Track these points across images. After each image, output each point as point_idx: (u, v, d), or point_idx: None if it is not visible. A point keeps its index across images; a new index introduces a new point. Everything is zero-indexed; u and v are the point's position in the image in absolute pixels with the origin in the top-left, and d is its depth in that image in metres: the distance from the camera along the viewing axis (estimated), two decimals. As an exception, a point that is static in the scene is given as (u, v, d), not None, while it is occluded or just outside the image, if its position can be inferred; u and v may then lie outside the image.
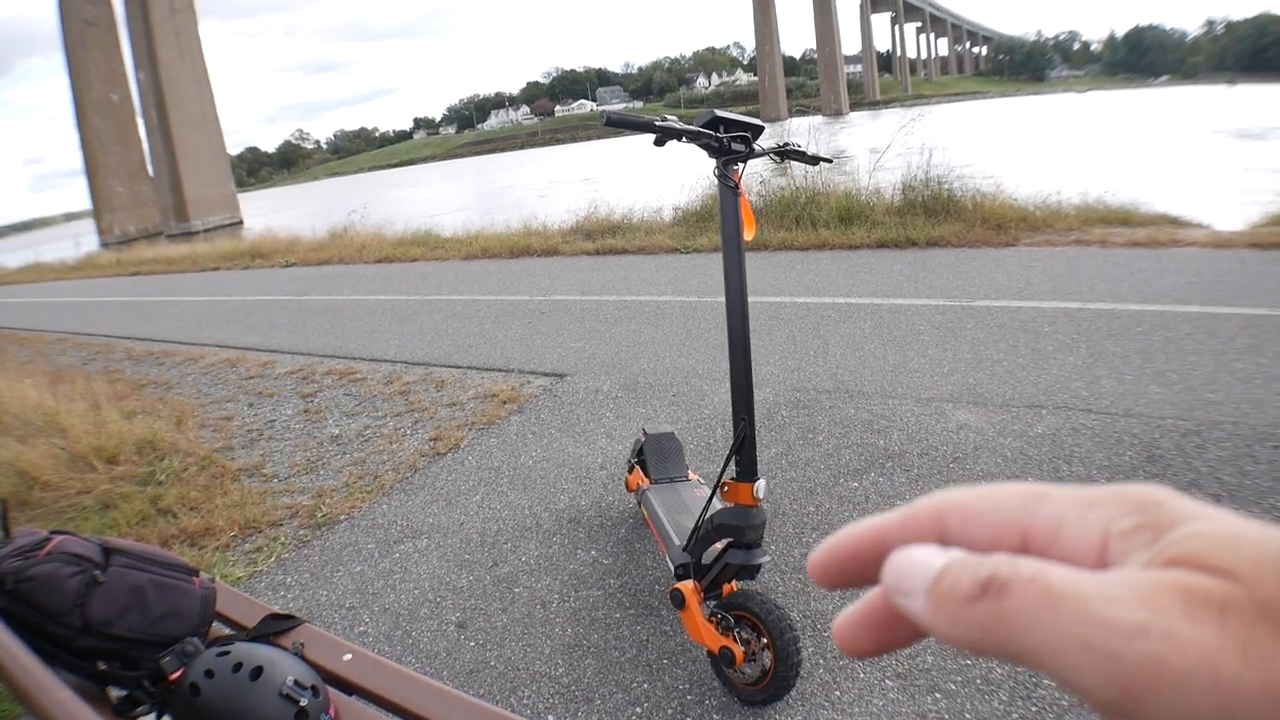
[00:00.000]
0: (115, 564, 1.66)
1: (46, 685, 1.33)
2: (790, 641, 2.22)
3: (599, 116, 2.37)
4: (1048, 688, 2.29)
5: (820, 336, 5.75)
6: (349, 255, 13.90)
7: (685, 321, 6.64)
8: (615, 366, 5.70)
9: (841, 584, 0.29)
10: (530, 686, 2.61)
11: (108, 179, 60.76)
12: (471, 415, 5.08)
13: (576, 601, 3.03)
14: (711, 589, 2.43)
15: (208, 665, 1.40)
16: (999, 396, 4.34)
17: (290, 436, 5.23)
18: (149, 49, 57.22)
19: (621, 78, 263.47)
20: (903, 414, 4.29)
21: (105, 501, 4.27)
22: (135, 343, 9.23)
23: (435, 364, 6.39)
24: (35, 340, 10.36)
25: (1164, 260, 6.61)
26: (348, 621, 3.10)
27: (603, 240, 11.14)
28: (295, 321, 9.04)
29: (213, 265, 16.39)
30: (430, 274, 11.09)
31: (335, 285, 11.27)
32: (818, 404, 4.56)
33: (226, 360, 7.51)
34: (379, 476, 4.38)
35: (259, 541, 3.83)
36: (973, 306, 5.90)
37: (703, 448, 4.22)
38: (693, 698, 2.47)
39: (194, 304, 11.74)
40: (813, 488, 3.64)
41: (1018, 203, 8.96)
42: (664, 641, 2.74)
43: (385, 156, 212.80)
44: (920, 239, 8.37)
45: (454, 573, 3.33)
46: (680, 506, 2.90)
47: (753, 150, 2.40)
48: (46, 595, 1.55)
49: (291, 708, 1.35)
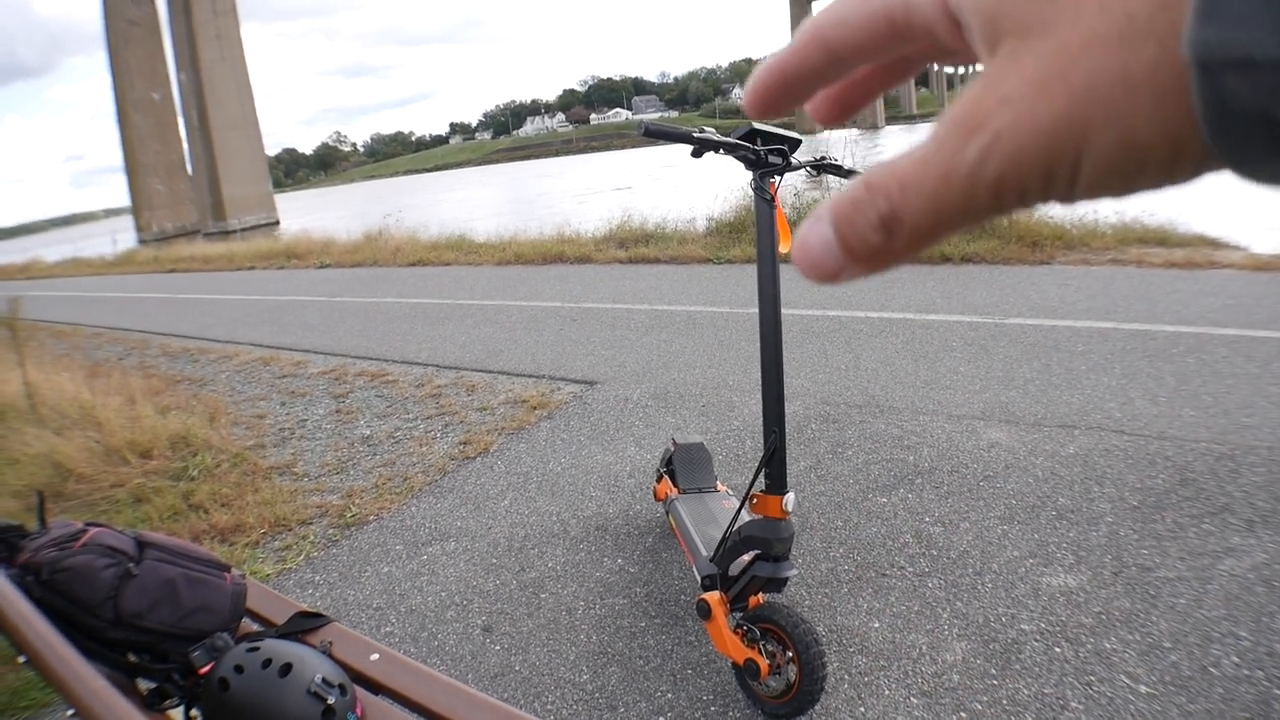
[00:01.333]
0: (149, 557, 1.68)
1: (82, 675, 1.34)
2: (816, 656, 2.21)
3: (636, 126, 2.37)
4: (1075, 710, 2.27)
5: (852, 351, 5.73)
6: (383, 258, 13.99)
7: (717, 332, 6.63)
8: (645, 375, 5.70)
9: (767, 112, 0.33)
10: (554, 692, 2.62)
11: (147, 177, 61.55)
12: (501, 420, 5.10)
13: (602, 609, 3.03)
14: (738, 601, 2.43)
15: (237, 660, 1.41)
16: (1031, 415, 4.30)
17: (321, 436, 5.27)
18: (191, 50, 57.88)
19: (657, 87, 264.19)
20: (933, 430, 4.26)
21: (138, 495, 4.31)
22: (171, 339, 9.33)
23: (466, 368, 6.42)
24: (73, 334, 10.50)
25: (1201, 282, 6.53)
26: (374, 622, 3.11)
27: (635, 249, 11.15)
28: (329, 322, 9.11)
29: (249, 264, 16.56)
30: (463, 278, 11.14)
31: (369, 287, 11.34)
32: (848, 418, 4.55)
33: (260, 359, 7.58)
34: (408, 478, 4.40)
35: (288, 539, 3.86)
36: (1006, 324, 5.85)
37: (732, 459, 4.21)
38: (716, 709, 2.46)
39: (229, 302, 11.85)
40: (841, 502, 3.63)
41: (1054, 220, 8.89)
42: (689, 652, 2.74)
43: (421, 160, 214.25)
44: (954, 255, 8.32)
45: (481, 576, 3.34)
46: (708, 517, 2.90)
47: (789, 164, 2.40)
48: (80, 586, 1.57)
49: (319, 705, 1.36)
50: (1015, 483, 3.62)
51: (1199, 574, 2.83)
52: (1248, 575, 2.79)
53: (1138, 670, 2.40)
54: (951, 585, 2.93)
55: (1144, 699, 2.28)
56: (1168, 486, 3.44)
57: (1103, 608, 2.71)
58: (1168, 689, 2.31)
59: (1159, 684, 2.33)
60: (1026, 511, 3.36)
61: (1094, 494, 3.45)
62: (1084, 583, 2.85)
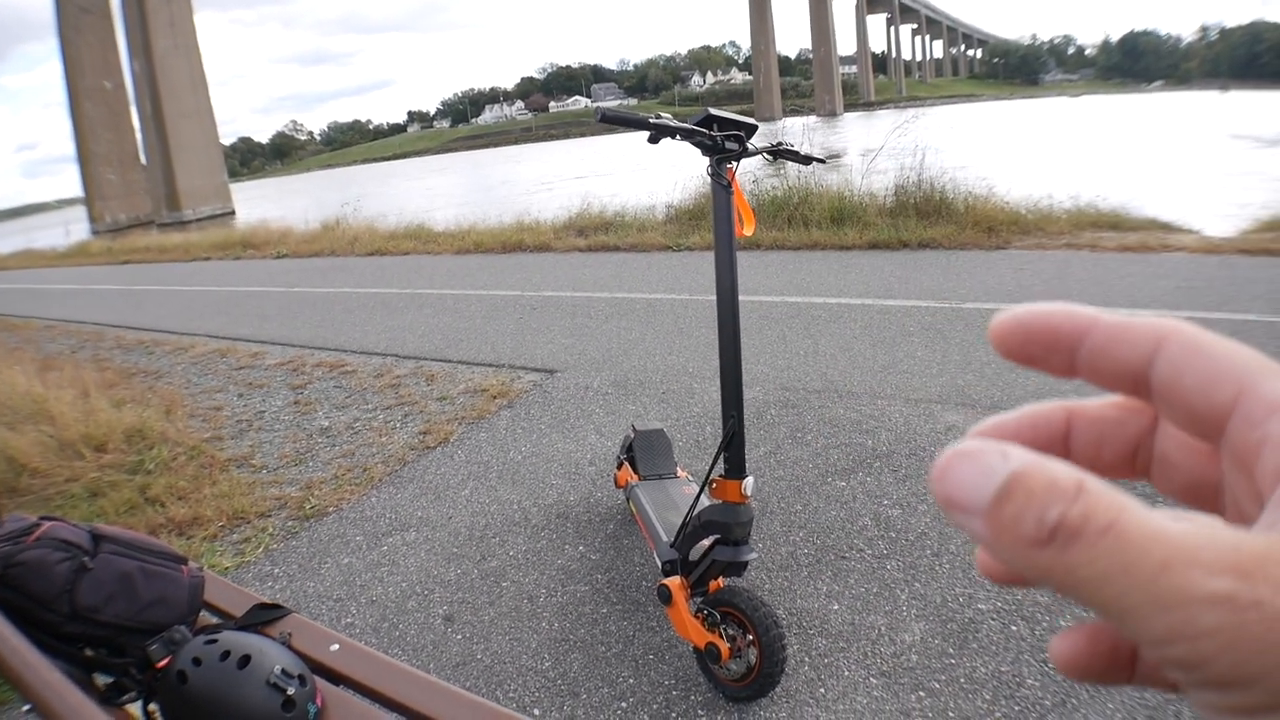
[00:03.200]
0: (104, 551, 1.66)
1: (39, 670, 1.33)
2: (776, 638, 2.23)
3: (594, 113, 2.37)
4: (1031, 688, 2.31)
5: (810, 336, 5.76)
6: (341, 248, 13.88)
7: (676, 319, 6.65)
8: (606, 363, 5.70)
9: (1023, 356, 0.28)
10: (516, 680, 2.62)
11: (100, 167, 60.56)
12: (461, 410, 5.08)
13: (564, 596, 3.04)
14: (698, 585, 2.44)
15: (195, 653, 1.40)
16: (988, 398, 4.36)
17: (280, 428, 5.23)
18: (143, 37, 56.89)
19: (616, 74, 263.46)
20: (891, 414, 4.30)
21: (93, 489, 4.26)
22: (125, 331, 9.20)
23: (426, 358, 6.39)
24: (25, 327, 10.32)
25: (1154, 265, 6.64)
26: (335, 613, 3.10)
27: (595, 237, 11.16)
28: (286, 313, 9.03)
29: (204, 255, 16.36)
30: (422, 268, 11.08)
31: (327, 277, 11.25)
32: (807, 403, 4.58)
33: (216, 350, 7.50)
34: (368, 469, 4.38)
35: (247, 532, 3.83)
36: (963, 308, 5.91)
37: (692, 445, 4.23)
38: (678, 693, 2.48)
39: (184, 293, 11.72)
40: (800, 486, 3.65)
41: (1010, 205, 8.99)
42: (650, 637, 2.75)
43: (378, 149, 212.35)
44: (912, 240, 8.40)
45: (442, 566, 3.34)
46: (668, 503, 2.91)
47: (746, 149, 2.42)
48: (35, 581, 1.55)
49: (278, 696, 1.36)
50: (972, 465, 3.66)
51: (1150, 552, 2.88)
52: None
53: (1091, 647, 2.43)
54: (910, 567, 2.97)
55: (1097, 675, 2.32)
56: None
57: (1057, 586, 2.75)
58: (1120, 665, 2.35)
59: (1112, 660, 2.37)
60: (983, 493, 3.40)
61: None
62: (1039, 562, 2.89)
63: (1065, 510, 0.20)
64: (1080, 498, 0.20)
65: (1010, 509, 0.20)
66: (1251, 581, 0.19)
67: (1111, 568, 0.19)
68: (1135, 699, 2.23)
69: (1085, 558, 0.20)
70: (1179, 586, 0.19)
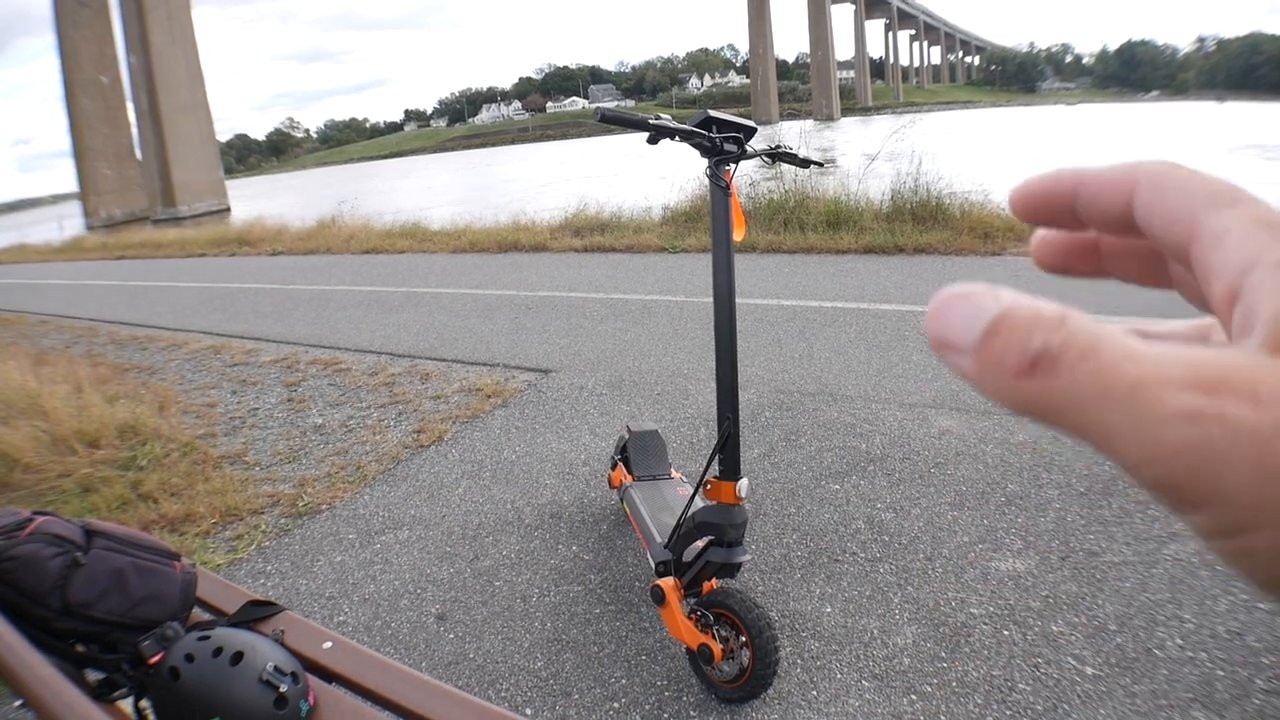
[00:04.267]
0: (97, 546, 1.65)
1: (30, 666, 1.33)
2: (768, 640, 2.23)
3: (592, 113, 2.38)
4: (1023, 692, 2.31)
5: (805, 340, 5.77)
6: (336, 245, 13.87)
7: (671, 321, 6.65)
8: (601, 363, 5.70)
9: (1036, 220, 0.30)
10: (509, 679, 2.62)
11: (95, 162, 60.42)
12: (456, 408, 5.08)
13: (557, 596, 3.04)
14: (691, 586, 2.44)
15: (188, 649, 1.40)
16: (981, 403, 4.36)
17: (273, 425, 5.22)
18: (141, 32, 56.78)
19: (614, 76, 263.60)
20: (885, 418, 4.31)
21: (86, 485, 4.24)
22: (119, 327, 9.18)
23: (420, 356, 6.38)
24: (18, 322, 10.29)
25: (1149, 273, 6.64)
26: (327, 611, 3.09)
27: (591, 237, 11.16)
28: (281, 310, 9.01)
29: (199, 251, 16.32)
30: (417, 266, 11.07)
31: (322, 274, 11.23)
32: (801, 406, 4.58)
33: (211, 347, 7.48)
34: (361, 467, 4.37)
35: (240, 529, 3.82)
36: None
37: (686, 446, 4.23)
38: (670, 694, 2.48)
39: (179, 289, 11.69)
40: (794, 489, 3.66)
41: (1006, 212, 8.99)
42: (643, 638, 2.75)
43: (375, 148, 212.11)
44: (908, 245, 8.40)
45: (435, 565, 3.33)
46: (662, 504, 2.91)
47: (745, 151, 2.42)
48: (27, 575, 1.54)
49: (271, 693, 1.36)
50: (966, 469, 3.67)
51: (1144, 558, 2.89)
52: (1191, 559, 2.85)
53: (1084, 652, 2.44)
54: (903, 570, 2.97)
55: (1090, 680, 2.33)
56: (1114, 473, 3.50)
57: (1050, 591, 2.76)
58: (1113, 670, 2.36)
59: (1105, 666, 2.38)
60: (976, 498, 3.41)
61: (1042, 480, 3.50)
62: (1032, 567, 2.90)
63: (1047, 339, 0.21)
64: (1062, 327, 0.21)
65: (997, 343, 0.21)
66: (1217, 396, 0.19)
67: (1090, 391, 0.20)
68: (1129, 706, 2.23)
69: (1065, 383, 0.20)
70: (1149, 404, 0.19)
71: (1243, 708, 2.20)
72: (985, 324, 0.21)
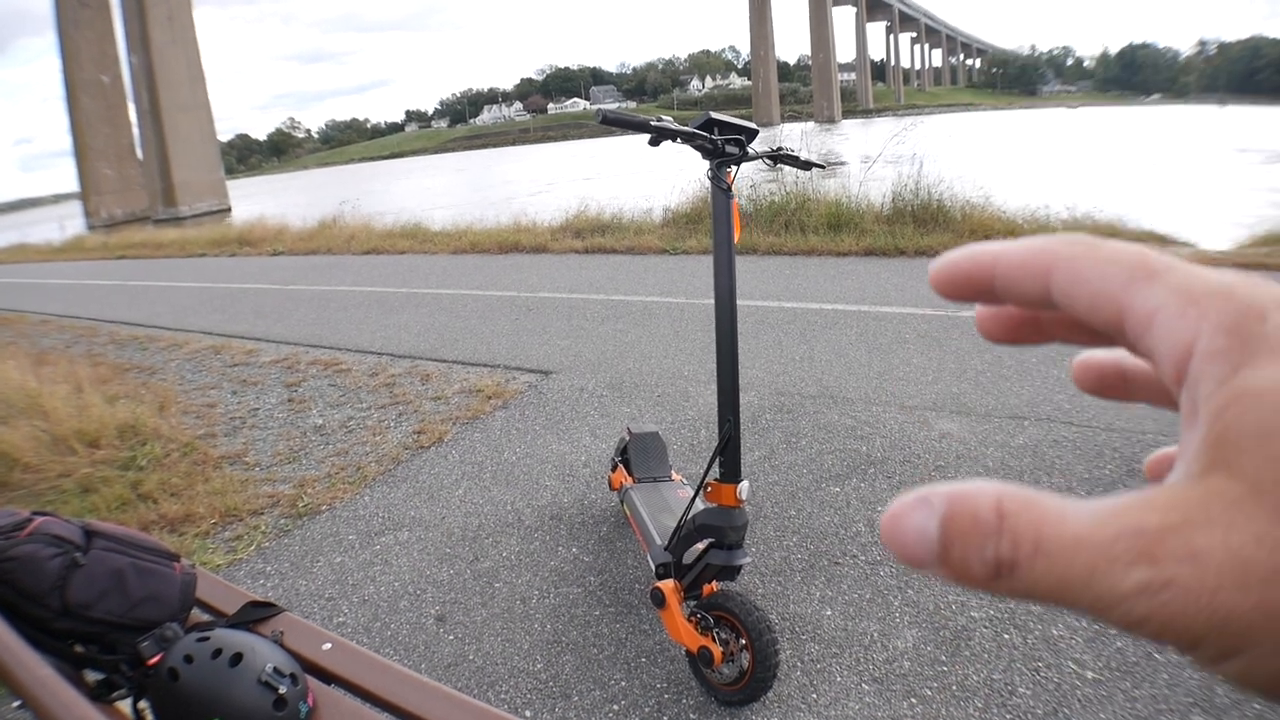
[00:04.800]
0: (96, 547, 1.65)
1: (28, 664, 1.32)
2: (769, 643, 2.23)
3: (594, 114, 2.38)
4: (1023, 696, 2.31)
5: (806, 342, 5.76)
6: (337, 246, 13.87)
7: (672, 322, 6.65)
8: (601, 365, 5.70)
9: (961, 299, 0.30)
10: (508, 681, 2.62)
11: (96, 161, 60.41)
12: (456, 409, 5.08)
13: (556, 598, 3.04)
14: (692, 589, 2.44)
15: (187, 650, 1.40)
16: (982, 406, 4.36)
17: (273, 425, 5.22)
18: (142, 31, 56.79)
19: (616, 77, 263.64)
20: (886, 421, 4.31)
21: (85, 485, 4.24)
22: (119, 326, 9.18)
23: (421, 357, 6.38)
24: (19, 321, 10.29)
25: (1150, 276, 6.63)
26: (327, 612, 3.09)
27: (592, 239, 11.16)
28: (281, 310, 9.01)
29: (200, 251, 16.32)
30: (418, 267, 11.07)
31: (323, 275, 11.23)
32: (802, 409, 4.58)
33: (211, 347, 7.48)
34: (361, 468, 4.37)
35: (239, 529, 3.82)
36: (958, 317, 5.91)
37: (687, 448, 4.22)
38: (670, 696, 2.47)
39: (180, 289, 11.68)
40: (795, 491, 3.65)
41: (1006, 215, 9.01)
42: (643, 640, 2.75)
43: (376, 148, 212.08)
44: (908, 248, 8.40)
45: (434, 566, 3.33)
46: (663, 506, 2.91)
47: (746, 153, 2.42)
48: (26, 576, 1.54)
49: (270, 695, 1.35)
50: (966, 473, 3.66)
51: (1144, 562, 2.88)
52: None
53: (1085, 656, 2.44)
54: (903, 573, 2.96)
55: (1090, 684, 2.33)
56: (1115, 477, 3.50)
57: (1050, 595, 2.75)
58: (1114, 675, 2.35)
59: (1105, 670, 2.38)
60: (977, 501, 3.40)
61: (1043, 484, 3.49)
62: (1032, 571, 2.89)
63: (996, 546, 0.21)
64: (1004, 528, 0.21)
65: (955, 555, 0.22)
66: (1159, 564, 0.20)
67: (1052, 584, 0.21)
68: (1129, 710, 2.23)
69: (1029, 581, 0.21)
70: (1108, 589, 0.20)
71: (1242, 712, 2.20)
72: (935, 542, 0.22)
